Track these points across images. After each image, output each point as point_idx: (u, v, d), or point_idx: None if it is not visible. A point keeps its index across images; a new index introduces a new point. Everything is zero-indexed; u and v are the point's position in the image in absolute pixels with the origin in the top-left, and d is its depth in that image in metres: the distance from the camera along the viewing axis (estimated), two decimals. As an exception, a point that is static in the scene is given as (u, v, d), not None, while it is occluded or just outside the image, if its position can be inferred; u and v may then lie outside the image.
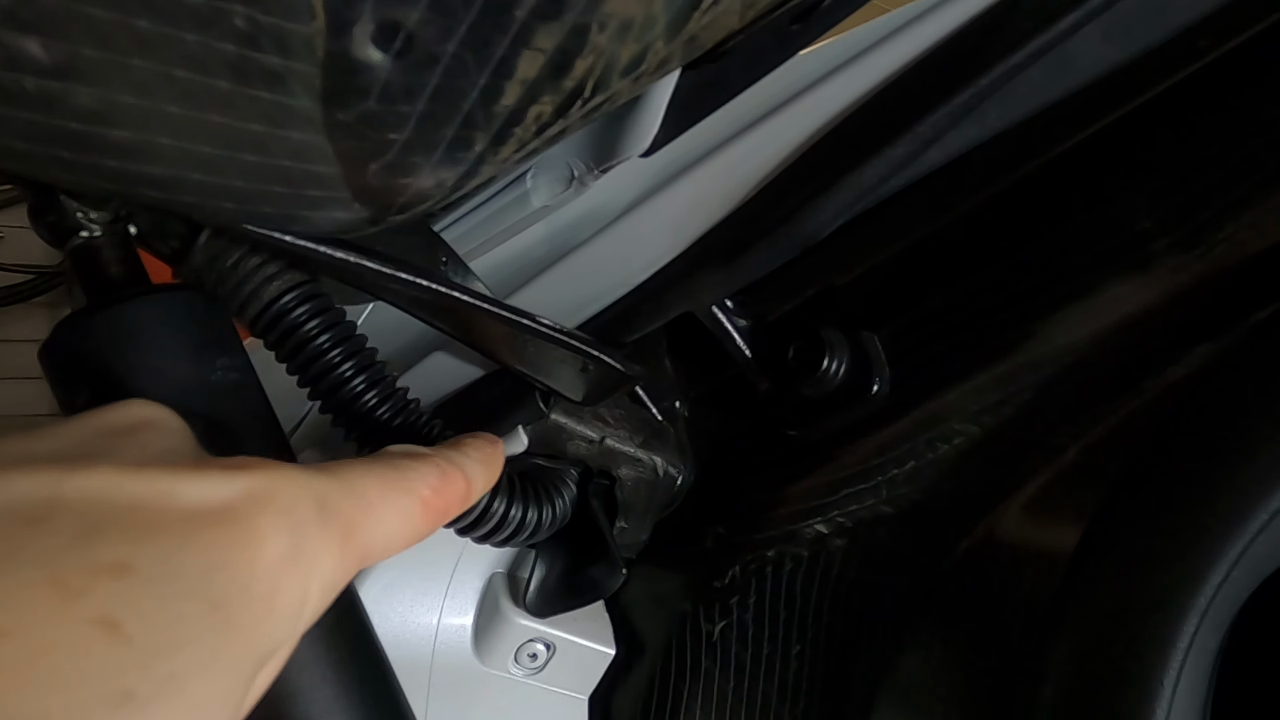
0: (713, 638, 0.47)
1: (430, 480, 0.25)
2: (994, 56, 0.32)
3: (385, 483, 0.23)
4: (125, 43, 0.20)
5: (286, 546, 0.19)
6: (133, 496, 0.18)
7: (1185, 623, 0.31)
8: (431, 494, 0.25)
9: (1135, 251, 0.36)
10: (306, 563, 0.20)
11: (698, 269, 0.39)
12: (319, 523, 0.21)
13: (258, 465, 0.20)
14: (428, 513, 0.25)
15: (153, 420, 0.22)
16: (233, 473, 0.20)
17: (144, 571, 0.17)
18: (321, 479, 0.21)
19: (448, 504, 0.26)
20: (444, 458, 0.26)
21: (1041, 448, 0.40)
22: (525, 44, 0.23)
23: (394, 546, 0.23)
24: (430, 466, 0.25)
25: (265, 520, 0.19)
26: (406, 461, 0.25)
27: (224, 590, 0.18)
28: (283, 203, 0.26)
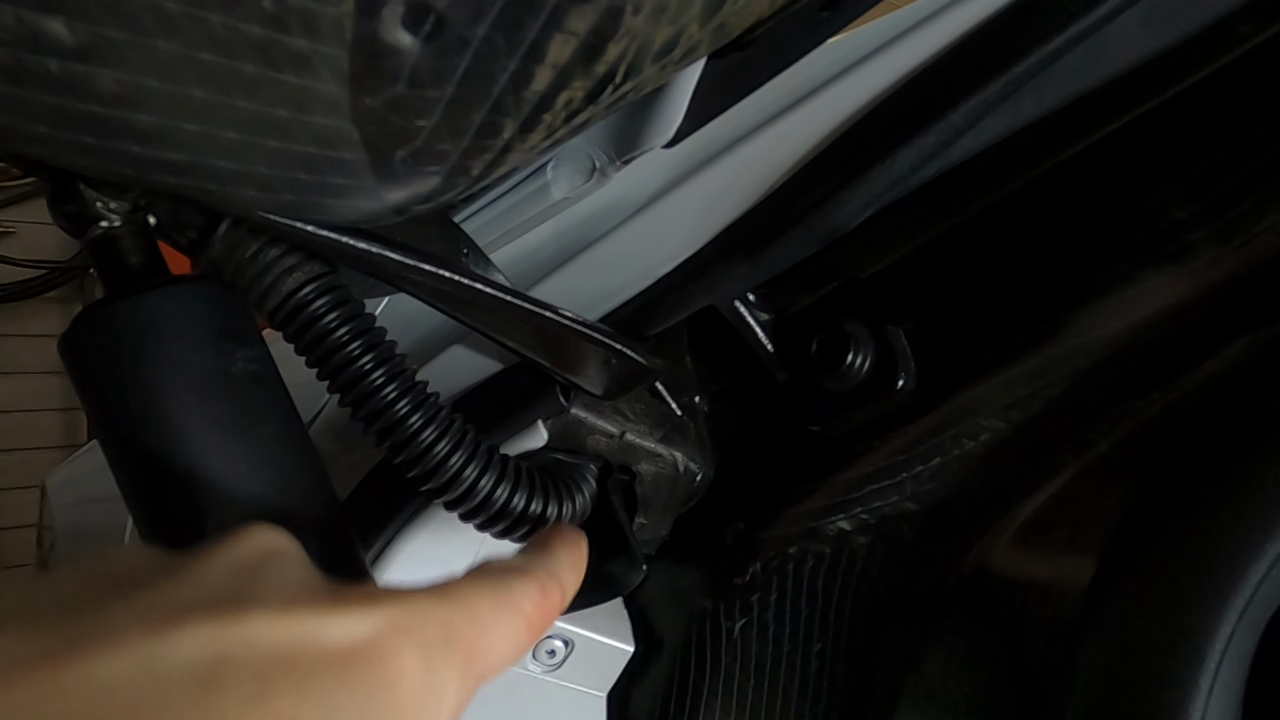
0: (733, 635, 0.47)
1: (534, 597, 0.25)
2: (1029, 43, 0.32)
3: (497, 603, 0.24)
4: (150, 24, 0.20)
5: (424, 678, 0.20)
6: (289, 643, 0.18)
7: (1223, 623, 0.30)
8: (535, 611, 0.25)
9: (1171, 243, 0.35)
10: (440, 691, 0.21)
11: (721, 261, 0.39)
12: (446, 650, 0.21)
13: (389, 597, 0.21)
14: (531, 629, 0.25)
15: (279, 550, 0.22)
16: (370, 606, 0.20)
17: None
18: (444, 605, 0.22)
19: (548, 619, 0.26)
20: (544, 570, 0.27)
21: (1072, 444, 0.39)
22: (558, 27, 0.22)
23: (504, 665, 0.24)
24: (533, 583, 0.26)
25: (405, 655, 0.20)
26: (511, 579, 0.25)
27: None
28: (306, 190, 0.25)
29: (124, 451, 0.30)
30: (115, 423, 0.30)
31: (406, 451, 0.36)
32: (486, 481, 0.38)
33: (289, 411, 0.33)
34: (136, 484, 0.30)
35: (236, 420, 0.30)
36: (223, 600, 0.19)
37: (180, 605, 0.18)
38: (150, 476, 0.29)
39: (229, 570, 0.20)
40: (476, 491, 0.38)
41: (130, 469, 0.30)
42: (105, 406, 0.30)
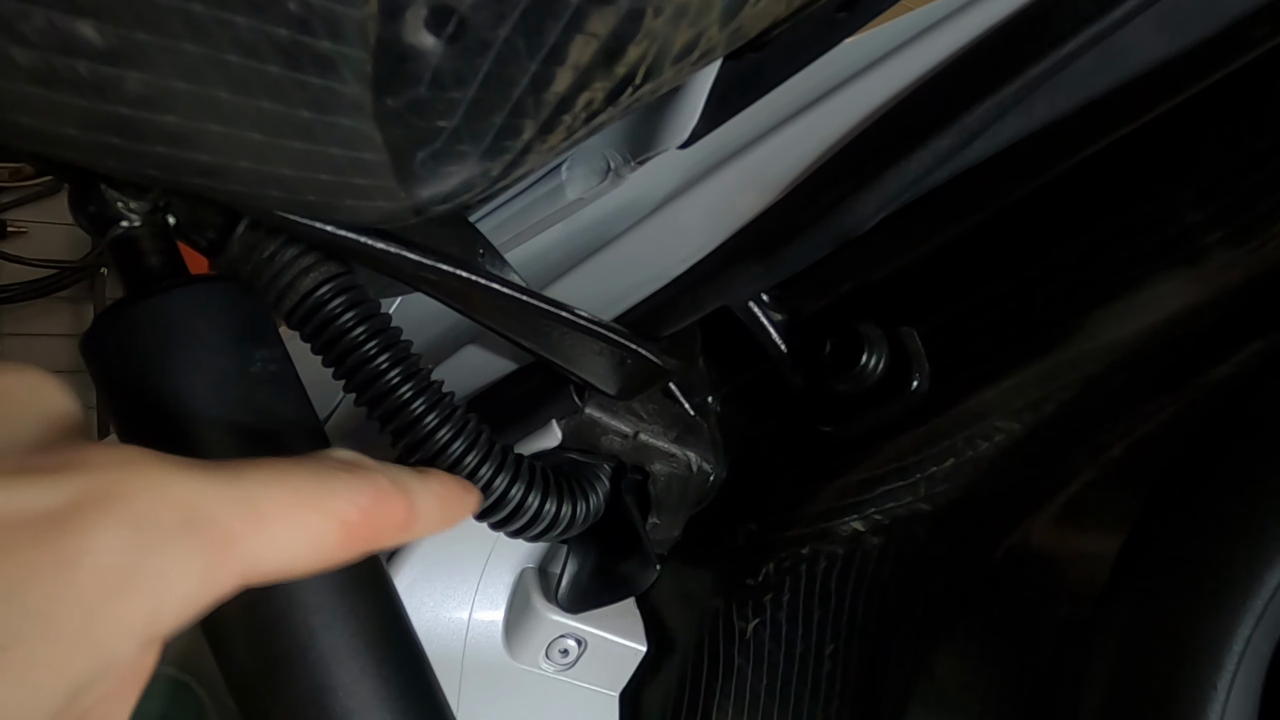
0: (745, 635, 0.47)
1: (360, 500, 0.22)
2: (1044, 46, 0.32)
3: (296, 496, 0.20)
4: (178, 27, 0.20)
5: (119, 562, 0.17)
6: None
7: (1241, 625, 0.30)
8: (358, 517, 0.22)
9: (1185, 246, 0.35)
10: (151, 579, 0.17)
11: (736, 263, 0.39)
12: (180, 535, 0.18)
13: (104, 463, 0.18)
14: (347, 538, 0.21)
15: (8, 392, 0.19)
16: (66, 474, 0.17)
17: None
18: (200, 482, 0.19)
19: (376, 532, 0.22)
20: (390, 478, 0.23)
21: (1085, 446, 0.39)
22: (579, 29, 0.22)
23: (295, 568, 0.21)
24: (366, 484, 0.22)
25: (94, 534, 0.17)
26: (338, 474, 0.22)
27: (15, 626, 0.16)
28: (328, 191, 0.25)
29: (144, 449, 0.30)
30: (135, 422, 0.30)
31: (421, 450, 0.37)
32: (501, 481, 0.38)
33: (308, 411, 0.33)
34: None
35: (255, 420, 0.31)
36: None
37: None
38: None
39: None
40: (491, 491, 0.38)
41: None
42: (125, 405, 0.30)
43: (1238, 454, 0.33)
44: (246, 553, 0.19)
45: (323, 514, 0.21)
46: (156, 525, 0.18)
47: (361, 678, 0.30)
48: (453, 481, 0.27)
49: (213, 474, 0.19)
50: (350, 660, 0.30)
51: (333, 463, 0.22)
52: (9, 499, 0.16)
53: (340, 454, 0.23)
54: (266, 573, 0.20)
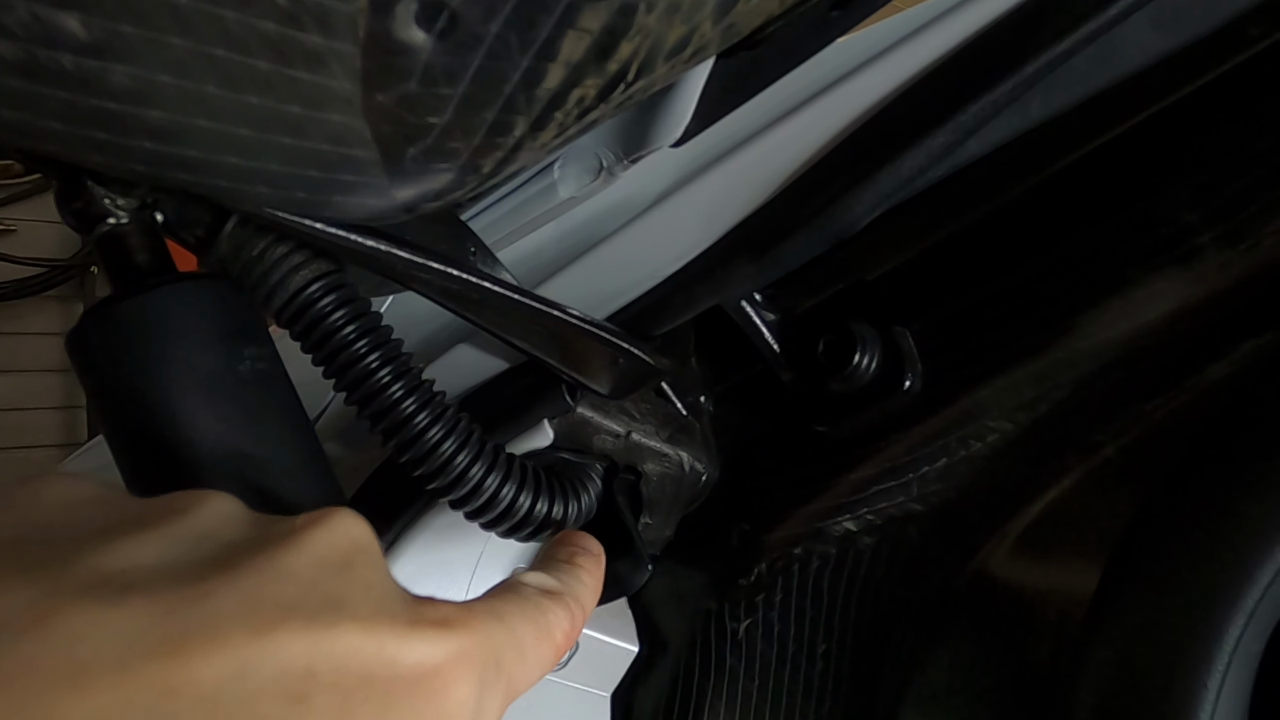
0: (738, 635, 0.47)
1: (564, 626, 0.26)
2: (1039, 44, 0.32)
3: (538, 632, 0.25)
4: (165, 20, 0.20)
5: (475, 705, 0.21)
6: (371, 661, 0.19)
7: (1231, 625, 0.30)
8: (563, 638, 0.26)
9: (1179, 246, 0.35)
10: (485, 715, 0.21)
11: (729, 261, 0.39)
12: (495, 677, 0.22)
13: (460, 622, 0.21)
14: (558, 654, 0.26)
15: (364, 545, 0.22)
16: (442, 633, 0.21)
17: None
18: (499, 632, 0.23)
19: (571, 642, 0.27)
20: (573, 596, 0.27)
21: (1078, 446, 0.39)
22: (570, 24, 0.22)
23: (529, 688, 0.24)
24: (564, 610, 0.26)
25: (463, 684, 0.21)
26: (546, 605, 0.26)
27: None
28: (317, 188, 0.25)
29: (130, 449, 0.30)
30: (122, 421, 0.30)
31: (412, 450, 0.36)
32: (492, 481, 0.38)
33: (296, 410, 0.33)
34: (143, 482, 0.30)
35: (244, 419, 0.30)
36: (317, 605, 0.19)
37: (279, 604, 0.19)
38: (157, 475, 0.29)
39: (321, 564, 0.20)
40: (482, 490, 0.38)
41: (137, 467, 0.30)
42: (112, 404, 0.30)
43: (1231, 454, 0.33)
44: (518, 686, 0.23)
45: (550, 642, 0.25)
46: (486, 673, 0.22)
47: None
48: (593, 563, 0.30)
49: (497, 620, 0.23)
50: None
51: (538, 593, 0.26)
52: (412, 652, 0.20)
53: (534, 580, 0.27)
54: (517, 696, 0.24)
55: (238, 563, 0.19)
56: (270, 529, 0.21)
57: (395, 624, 0.20)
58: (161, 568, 0.18)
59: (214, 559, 0.19)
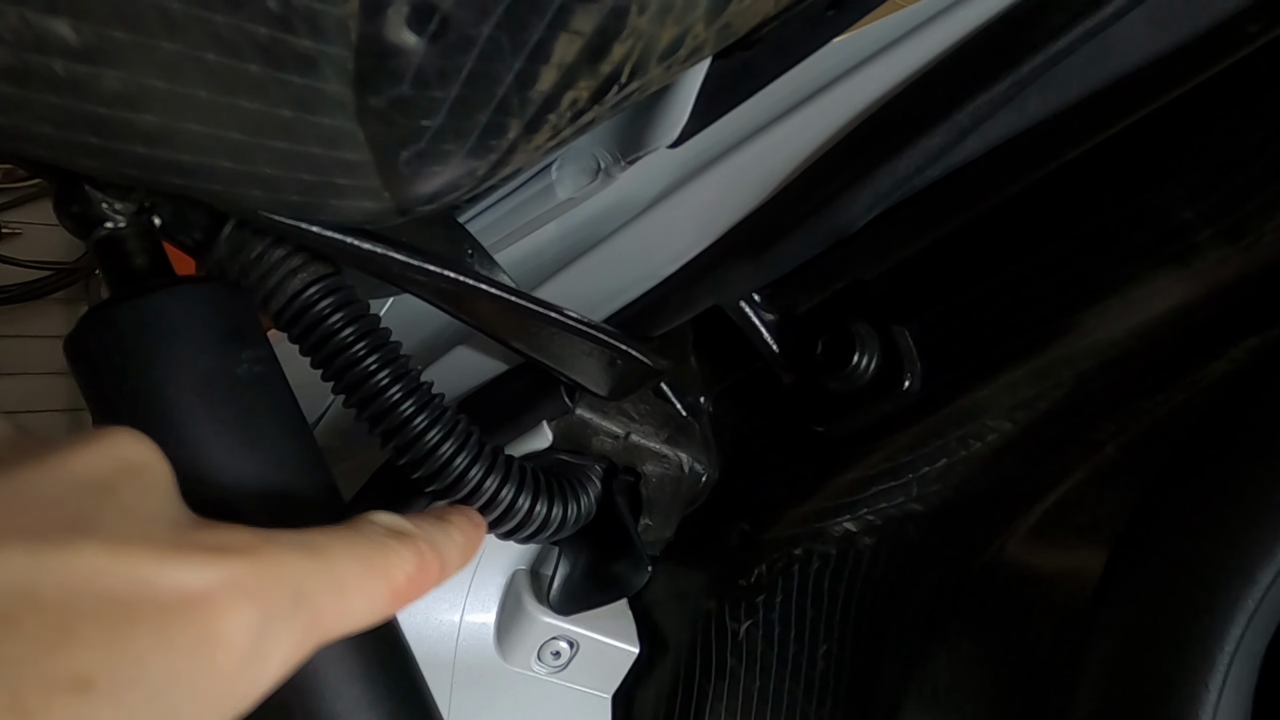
0: (738, 636, 0.47)
1: (408, 568, 0.24)
2: (1036, 42, 0.31)
3: (367, 568, 0.23)
4: (155, 25, 0.20)
5: (252, 642, 0.19)
6: (111, 587, 0.17)
7: (1232, 625, 0.30)
8: (406, 583, 0.24)
9: (1178, 243, 0.35)
10: (267, 653, 0.20)
11: (727, 262, 0.39)
12: (290, 613, 0.20)
13: (240, 550, 0.19)
14: (395, 600, 0.24)
15: (138, 465, 0.20)
16: (214, 558, 0.19)
17: (104, 687, 0.16)
18: (304, 563, 0.21)
19: (416, 592, 0.25)
20: (427, 541, 0.25)
21: (1078, 444, 0.39)
22: (563, 26, 0.22)
23: (353, 629, 0.23)
24: (412, 552, 0.24)
25: (237, 615, 0.19)
26: (390, 543, 0.24)
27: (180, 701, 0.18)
28: (311, 191, 0.25)
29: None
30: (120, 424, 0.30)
31: (411, 452, 0.36)
32: (491, 483, 0.38)
33: (294, 413, 0.33)
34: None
35: (242, 422, 0.30)
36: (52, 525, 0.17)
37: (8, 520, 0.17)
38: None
39: (78, 485, 0.19)
40: (481, 492, 0.38)
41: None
42: (110, 407, 0.30)
43: (1230, 453, 0.33)
44: (329, 623, 0.22)
45: (383, 582, 0.23)
46: (275, 606, 0.20)
47: (349, 680, 0.30)
48: (469, 525, 0.29)
49: (309, 551, 0.21)
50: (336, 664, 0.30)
51: (383, 531, 0.24)
52: (168, 576, 0.18)
53: (384, 519, 0.25)
54: (334, 636, 0.22)
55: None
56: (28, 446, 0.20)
57: (154, 547, 0.18)
58: None
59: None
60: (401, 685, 0.31)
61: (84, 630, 0.16)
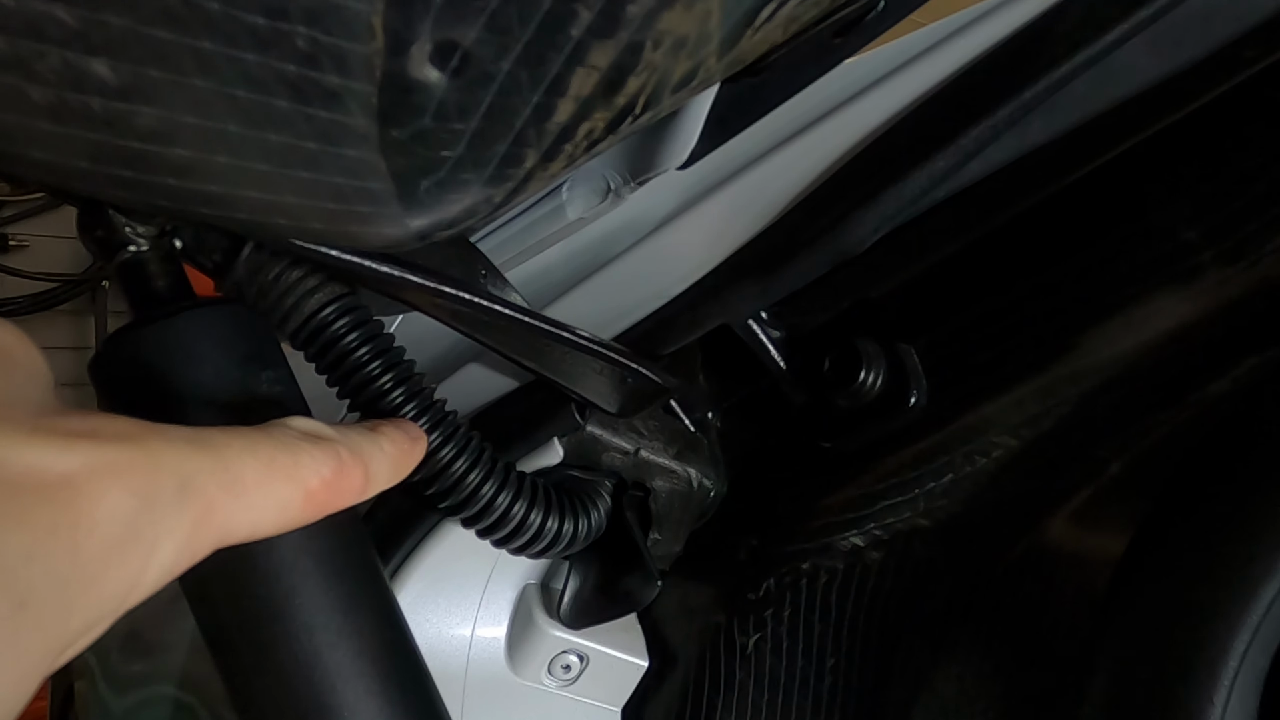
0: (747, 650, 0.47)
1: (323, 471, 0.23)
2: (1039, 69, 0.32)
3: (270, 467, 0.21)
4: (189, 64, 0.20)
5: (122, 530, 0.18)
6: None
7: (1237, 640, 0.31)
8: (320, 486, 0.23)
9: (1180, 263, 0.36)
10: (145, 547, 0.18)
11: (735, 281, 0.39)
12: (174, 504, 0.19)
13: (112, 433, 0.18)
14: (309, 504, 0.23)
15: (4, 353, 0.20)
16: (78, 441, 0.18)
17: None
18: (191, 453, 0.20)
19: (335, 498, 0.24)
20: (348, 446, 0.24)
21: (1083, 461, 0.40)
22: (579, 62, 0.23)
23: (259, 533, 0.22)
24: (328, 455, 0.23)
25: (105, 500, 0.18)
26: (302, 445, 0.23)
27: (36, 584, 0.16)
28: (334, 219, 0.26)
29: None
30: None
31: (424, 469, 0.37)
32: (503, 499, 0.39)
33: (313, 432, 0.34)
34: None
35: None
36: None
37: None
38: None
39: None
40: (493, 509, 0.38)
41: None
42: (134, 428, 0.30)
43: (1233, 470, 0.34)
44: (225, 520, 0.20)
45: (291, 484, 0.22)
46: (155, 494, 0.18)
47: (366, 696, 0.30)
48: (402, 437, 0.28)
49: (201, 445, 0.20)
50: (355, 679, 0.30)
51: (296, 433, 0.23)
52: (24, 457, 0.17)
53: (300, 423, 0.24)
54: (238, 538, 0.21)
55: None
56: None
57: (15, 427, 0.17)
58: None
59: None
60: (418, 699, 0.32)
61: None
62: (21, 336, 0.21)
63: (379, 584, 0.33)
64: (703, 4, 0.22)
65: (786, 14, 0.24)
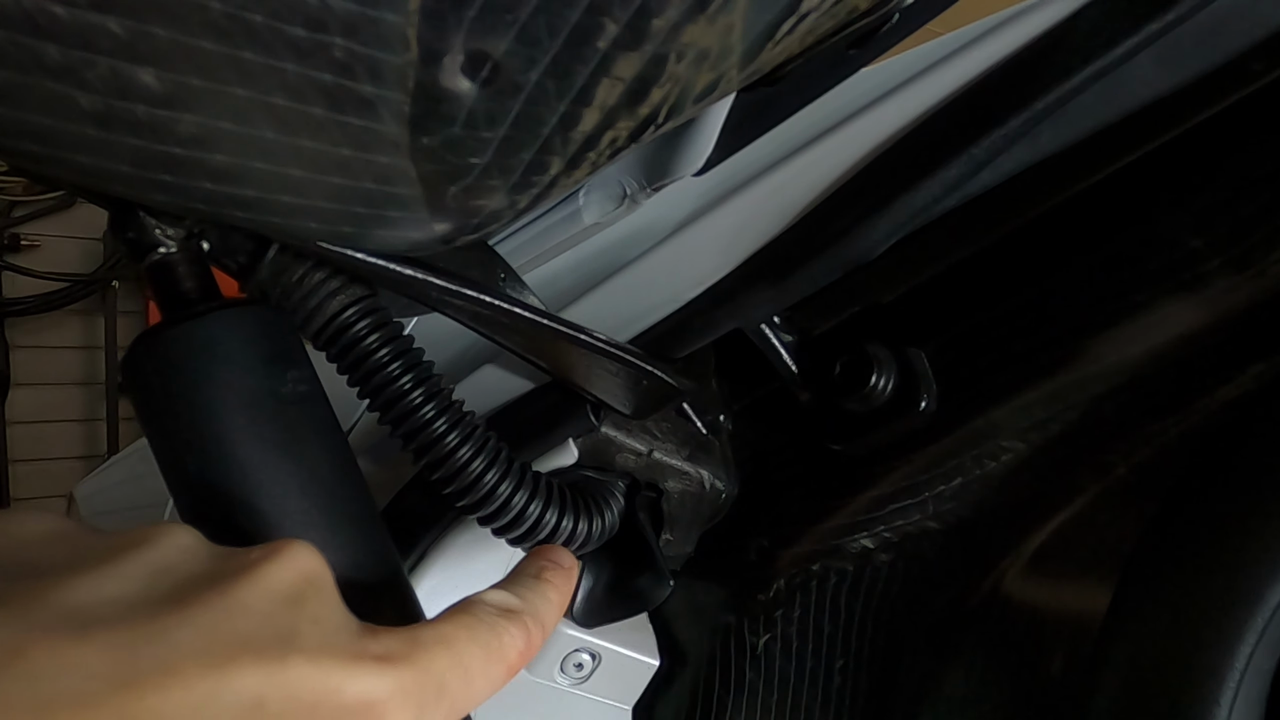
0: (756, 650, 0.48)
1: (519, 646, 0.26)
2: (1049, 82, 0.33)
3: (487, 654, 0.25)
4: (230, 73, 0.21)
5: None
6: (316, 692, 0.20)
7: (1242, 643, 0.31)
8: (518, 659, 0.26)
9: (1187, 271, 0.36)
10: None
11: (749, 286, 0.40)
12: (435, 703, 0.23)
13: (403, 657, 0.22)
14: (510, 675, 0.26)
15: (316, 577, 0.23)
16: (385, 667, 0.21)
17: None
18: (442, 660, 0.23)
19: (524, 664, 0.27)
20: (531, 615, 0.27)
21: (1090, 466, 0.40)
22: (605, 73, 0.23)
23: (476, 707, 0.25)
24: (521, 630, 0.26)
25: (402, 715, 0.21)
26: (502, 624, 0.26)
27: None
28: (363, 222, 0.27)
29: (179, 469, 0.31)
30: (171, 441, 0.31)
31: (443, 468, 0.38)
32: (520, 498, 0.39)
33: (335, 431, 0.34)
34: (191, 500, 0.31)
35: (286, 440, 0.32)
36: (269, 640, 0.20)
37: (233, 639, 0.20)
38: (204, 493, 0.30)
39: (274, 598, 0.21)
40: (510, 508, 0.39)
41: (185, 486, 0.31)
42: (163, 425, 0.31)
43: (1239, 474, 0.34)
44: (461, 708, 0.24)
45: (501, 664, 0.25)
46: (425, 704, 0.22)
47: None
48: (563, 579, 0.30)
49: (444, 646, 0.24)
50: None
51: (495, 611, 0.26)
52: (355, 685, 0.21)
53: (494, 598, 0.27)
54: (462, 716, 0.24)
55: (193, 598, 0.20)
56: (226, 563, 0.22)
57: (341, 657, 0.21)
58: (121, 603, 0.19)
59: (171, 594, 0.20)
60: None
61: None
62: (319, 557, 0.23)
63: None
64: (725, 18, 0.23)
65: (806, 27, 0.25)
